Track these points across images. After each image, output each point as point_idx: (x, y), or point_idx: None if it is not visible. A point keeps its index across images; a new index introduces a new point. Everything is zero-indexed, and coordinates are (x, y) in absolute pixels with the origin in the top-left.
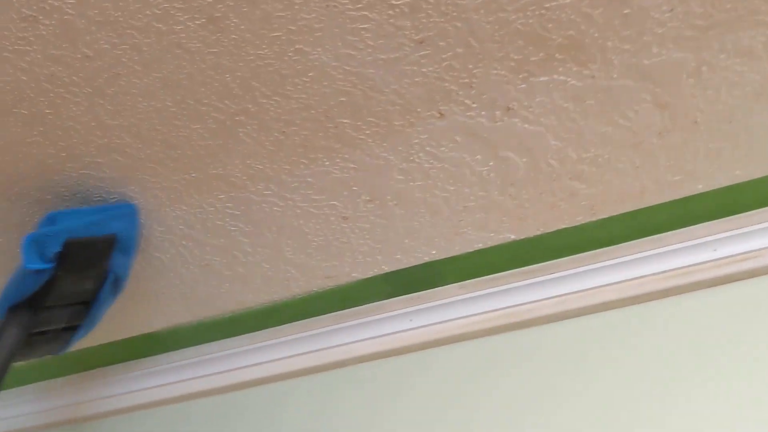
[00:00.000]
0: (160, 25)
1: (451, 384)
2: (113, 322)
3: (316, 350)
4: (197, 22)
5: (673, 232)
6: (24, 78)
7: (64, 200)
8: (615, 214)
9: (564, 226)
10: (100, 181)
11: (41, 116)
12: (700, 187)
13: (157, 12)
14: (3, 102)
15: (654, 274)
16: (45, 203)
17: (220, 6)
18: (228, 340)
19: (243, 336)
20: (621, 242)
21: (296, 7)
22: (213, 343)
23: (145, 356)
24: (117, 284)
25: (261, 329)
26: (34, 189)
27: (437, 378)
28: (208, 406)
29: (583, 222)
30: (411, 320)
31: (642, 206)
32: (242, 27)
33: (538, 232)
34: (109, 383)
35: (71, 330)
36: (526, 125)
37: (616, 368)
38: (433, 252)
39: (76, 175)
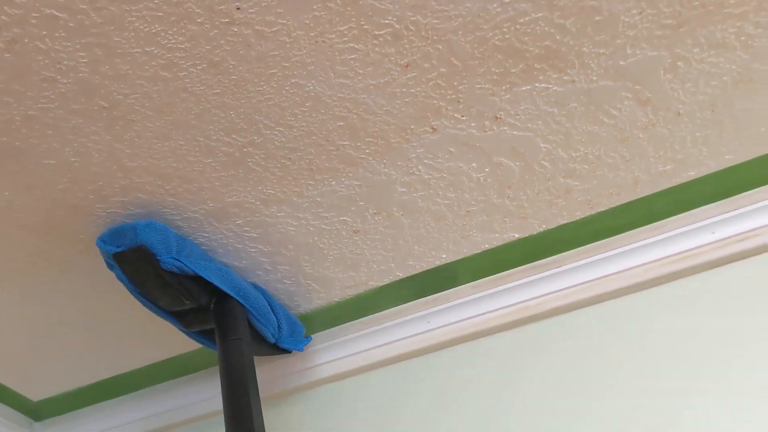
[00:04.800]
0: (165, 74)
1: (472, 381)
2: (141, 349)
3: (341, 358)
4: (199, 67)
5: (671, 218)
6: (50, 132)
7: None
8: (612, 206)
9: (564, 222)
10: (128, 218)
11: (68, 164)
12: (693, 174)
13: (162, 62)
14: (34, 155)
15: (656, 260)
16: (84, 241)
17: (218, 51)
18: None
19: None
20: (621, 232)
21: (287, 46)
22: None
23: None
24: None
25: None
26: (71, 231)
27: (458, 376)
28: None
29: (582, 216)
30: (429, 322)
31: (637, 197)
32: (240, 68)
33: (541, 229)
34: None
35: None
36: (515, 131)
37: (627, 353)
38: (443, 256)
39: (105, 214)
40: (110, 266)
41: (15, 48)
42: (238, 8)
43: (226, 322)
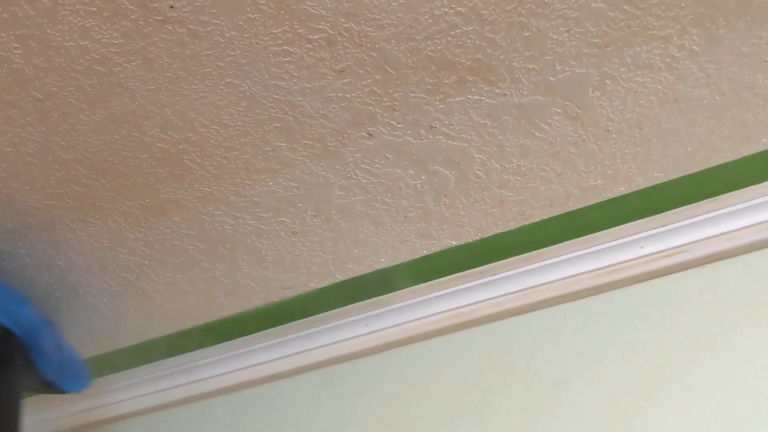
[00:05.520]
0: (100, 68)
1: (404, 384)
2: (89, 341)
3: (279, 358)
4: (133, 63)
5: (602, 232)
6: None
7: (33, 229)
8: (545, 217)
9: (499, 231)
10: (64, 209)
11: (3, 154)
12: (623, 189)
13: (96, 57)
14: None
15: (586, 272)
16: (17, 232)
17: (153, 48)
18: (195, 352)
19: (209, 348)
20: (554, 243)
21: (222, 46)
22: (182, 356)
23: (117, 372)
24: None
25: (225, 341)
26: (8, 219)
27: (393, 380)
28: (173, 415)
29: (516, 226)
30: (367, 325)
31: (569, 209)
32: (174, 66)
33: (477, 238)
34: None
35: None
36: (450, 141)
37: (550, 364)
38: (382, 260)
39: (41, 205)
40: None
41: None
42: (171, 6)
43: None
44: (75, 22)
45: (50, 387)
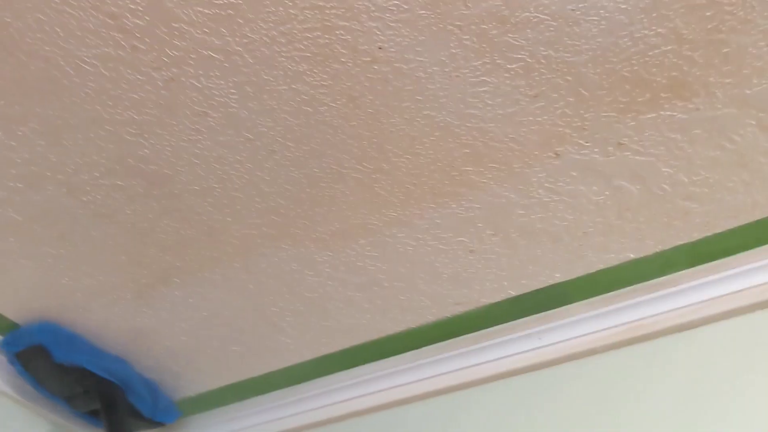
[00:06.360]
0: (308, 108)
1: (582, 398)
2: (264, 357)
3: (452, 371)
4: (339, 102)
5: None
6: (196, 161)
7: (229, 255)
8: (730, 228)
9: (681, 243)
10: (260, 237)
11: (210, 190)
12: None
13: (305, 98)
14: (180, 181)
15: None
16: (214, 260)
17: (358, 87)
18: (369, 365)
19: (383, 360)
20: (737, 253)
21: (422, 80)
22: (353, 370)
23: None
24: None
25: (399, 354)
26: (207, 248)
27: (568, 394)
28: (355, 426)
29: (699, 237)
30: (540, 339)
31: (755, 219)
32: (377, 102)
33: (657, 250)
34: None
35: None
36: (638, 156)
37: (747, 371)
38: (557, 275)
39: (240, 234)
40: (11, 362)
41: (171, 86)
42: (380, 48)
43: (108, 402)
44: (289, 67)
45: (150, 422)
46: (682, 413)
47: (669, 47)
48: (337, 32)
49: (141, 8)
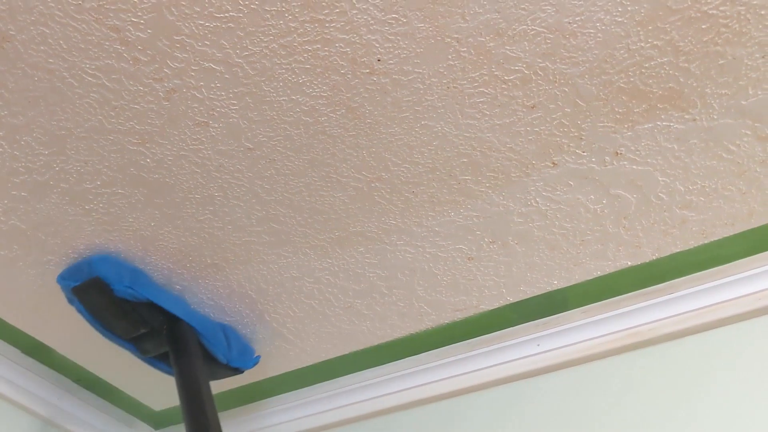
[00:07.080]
0: (307, 119)
1: (580, 405)
2: (271, 361)
3: (451, 377)
4: (338, 112)
5: None
6: (197, 170)
7: (230, 262)
8: (726, 236)
9: (678, 251)
10: (260, 245)
11: (211, 198)
12: None
13: (305, 108)
14: (181, 190)
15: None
16: (215, 266)
17: (357, 98)
18: (369, 370)
19: (382, 366)
20: (734, 260)
21: (421, 91)
22: (353, 375)
23: (298, 389)
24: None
25: (398, 359)
26: (208, 255)
27: (566, 400)
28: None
29: (696, 245)
30: (538, 345)
31: (751, 227)
32: (375, 113)
33: (654, 258)
34: (274, 412)
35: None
36: (635, 166)
37: (742, 380)
38: (555, 282)
39: (240, 242)
40: (70, 300)
41: (173, 97)
42: (378, 60)
43: (179, 344)
44: (289, 78)
45: (227, 369)
46: (680, 420)
47: (665, 59)
48: (337, 45)
49: (143, 21)
